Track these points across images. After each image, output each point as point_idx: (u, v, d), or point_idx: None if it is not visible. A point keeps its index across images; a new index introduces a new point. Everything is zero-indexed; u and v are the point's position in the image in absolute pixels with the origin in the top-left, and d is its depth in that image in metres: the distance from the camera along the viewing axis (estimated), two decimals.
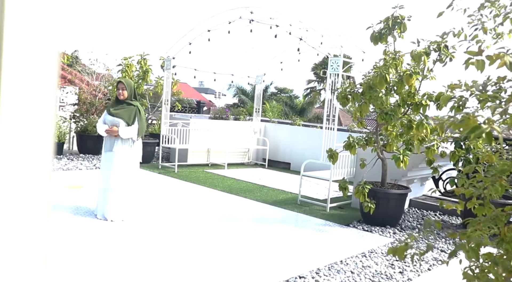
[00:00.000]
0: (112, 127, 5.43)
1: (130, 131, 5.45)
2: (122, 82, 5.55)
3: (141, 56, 10.07)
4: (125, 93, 5.52)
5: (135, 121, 5.50)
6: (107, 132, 5.47)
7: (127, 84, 5.55)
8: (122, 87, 5.53)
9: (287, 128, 12.01)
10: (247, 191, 8.28)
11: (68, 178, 7.98)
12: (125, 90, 5.52)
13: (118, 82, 5.61)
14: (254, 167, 11.65)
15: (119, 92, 5.54)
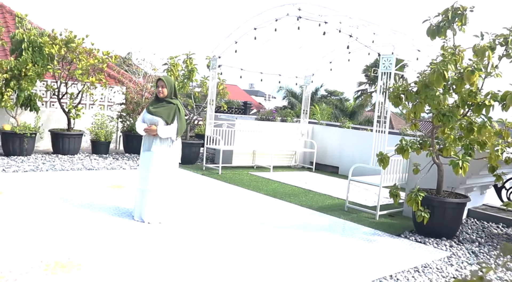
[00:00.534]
0: (150, 126, 5.26)
1: (169, 131, 5.26)
2: (161, 79, 5.37)
3: (187, 55, 9.96)
4: (164, 91, 5.34)
5: (174, 120, 5.30)
6: (145, 131, 5.30)
7: (167, 82, 5.36)
8: (161, 85, 5.35)
9: (335, 130, 11.55)
10: (292, 195, 7.93)
11: (111, 177, 7.95)
12: (165, 88, 5.34)
13: (157, 80, 5.43)
14: (301, 170, 11.27)
15: (159, 90, 5.36)
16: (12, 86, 9.00)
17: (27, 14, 9.64)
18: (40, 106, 10.46)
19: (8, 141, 9.01)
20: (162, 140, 5.30)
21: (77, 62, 9.63)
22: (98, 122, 10.43)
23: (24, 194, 6.21)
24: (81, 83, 10.06)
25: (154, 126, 5.24)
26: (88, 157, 9.88)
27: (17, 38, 9.18)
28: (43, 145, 10.76)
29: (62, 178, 7.58)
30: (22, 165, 8.27)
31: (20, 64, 8.95)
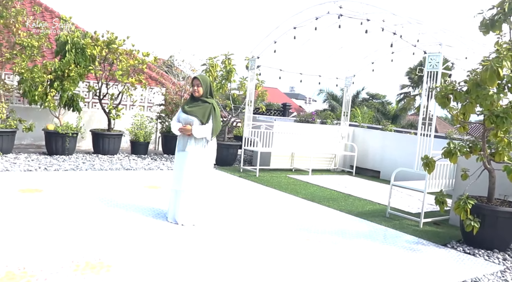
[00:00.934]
0: (185, 126, 5.15)
1: (204, 131, 5.13)
2: (197, 78, 5.26)
3: (225, 55, 9.88)
4: (200, 90, 5.22)
5: (209, 119, 5.17)
6: (180, 131, 5.20)
7: (203, 81, 5.24)
8: (197, 84, 5.23)
9: (377, 133, 11.16)
10: (330, 199, 7.66)
11: (147, 178, 7.93)
12: (200, 87, 5.22)
13: (193, 79, 5.32)
14: (341, 174, 10.95)
15: (194, 89, 5.24)
16: (56, 87, 9.18)
17: (71, 16, 9.83)
18: (82, 107, 10.65)
19: (51, 140, 9.18)
20: (197, 140, 5.18)
21: (117, 63, 9.73)
22: (138, 123, 10.50)
23: (62, 192, 6.24)
24: (121, 84, 10.16)
25: (189, 126, 5.13)
26: (127, 157, 9.95)
27: (61, 40, 9.36)
28: (85, 145, 10.94)
29: (100, 177, 7.62)
30: (63, 164, 8.39)
31: (64, 65, 9.11)
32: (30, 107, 10.03)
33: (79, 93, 10.58)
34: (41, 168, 7.87)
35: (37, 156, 9.01)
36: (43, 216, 5.04)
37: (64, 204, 5.66)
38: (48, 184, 6.71)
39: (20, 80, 9.14)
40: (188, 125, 5.14)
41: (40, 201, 5.69)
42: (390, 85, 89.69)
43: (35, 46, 8.98)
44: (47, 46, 9.42)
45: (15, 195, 5.87)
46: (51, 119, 9.92)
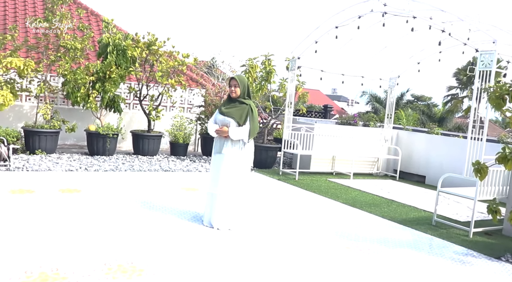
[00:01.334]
0: (222, 128, 5.02)
1: (241, 132, 4.98)
2: (234, 78, 5.12)
3: (265, 56, 9.72)
4: (237, 91, 5.08)
5: (246, 121, 5.02)
6: (217, 133, 5.07)
7: (240, 81, 5.09)
8: (234, 84, 5.09)
9: (422, 137, 10.69)
10: (372, 205, 7.35)
11: (185, 179, 7.87)
12: (237, 88, 5.07)
13: (230, 79, 5.18)
14: (383, 178, 10.56)
15: (231, 90, 5.11)
16: (98, 88, 9.30)
17: (113, 19, 9.95)
18: (123, 108, 10.77)
19: (92, 141, 9.31)
20: (234, 142, 5.04)
21: (157, 65, 9.77)
22: (177, 124, 10.50)
23: (100, 193, 6.26)
24: (161, 85, 10.19)
25: (226, 128, 4.99)
26: (166, 158, 9.97)
27: (103, 42, 9.48)
28: (125, 146, 11.06)
29: (139, 178, 7.62)
30: (103, 164, 8.47)
31: (105, 67, 9.22)
32: (73, 108, 10.23)
33: (120, 94, 10.70)
34: (82, 168, 7.96)
35: (79, 156, 9.15)
36: (79, 217, 5.03)
37: (101, 205, 5.65)
38: (87, 184, 6.75)
39: (64, 82, 9.32)
40: (224, 127, 5.01)
41: (78, 201, 5.71)
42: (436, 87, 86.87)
43: (78, 48, 9.13)
44: (90, 48, 9.56)
45: (55, 195, 5.92)
46: (93, 120, 10.07)
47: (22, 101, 10.09)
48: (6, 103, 8.27)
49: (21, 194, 5.85)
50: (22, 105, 10.11)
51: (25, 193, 5.91)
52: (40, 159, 8.36)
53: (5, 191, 5.92)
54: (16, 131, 8.75)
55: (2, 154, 7.43)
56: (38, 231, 4.44)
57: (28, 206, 5.29)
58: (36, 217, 4.88)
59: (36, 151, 8.72)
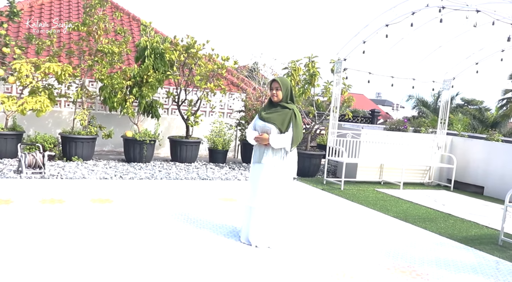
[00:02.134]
0: (262, 135, 4.53)
1: (283, 140, 4.47)
2: (276, 81, 4.62)
3: (309, 58, 9.18)
4: (279, 94, 4.58)
5: (289, 128, 4.51)
6: (256, 140, 4.59)
7: (282, 84, 4.59)
8: (276, 87, 4.60)
9: (480, 144, 9.81)
10: (427, 219, 6.65)
11: (223, 189, 7.43)
12: (279, 91, 4.58)
13: (271, 81, 4.69)
14: (436, 188, 9.76)
15: (273, 93, 4.61)
16: (135, 93, 9.04)
17: (151, 21, 9.70)
18: (161, 113, 10.50)
19: (129, 147, 9.06)
20: (275, 151, 4.53)
21: (196, 68, 9.42)
22: (216, 130, 10.12)
23: (132, 204, 5.90)
24: (200, 90, 9.83)
25: (266, 135, 4.50)
26: (204, 165, 9.59)
27: (141, 46, 9.23)
28: (163, 152, 10.78)
29: (175, 187, 7.25)
30: (139, 172, 8.16)
31: (142, 71, 8.95)
32: (111, 114, 10.04)
33: (158, 99, 10.44)
34: (117, 175, 7.67)
35: (116, 162, 8.90)
36: (105, 231, 4.66)
37: (131, 217, 5.28)
38: (120, 194, 6.43)
39: (101, 87, 9.13)
40: (265, 134, 4.51)
41: (108, 213, 5.36)
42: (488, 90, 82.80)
43: (115, 52, 8.91)
44: (127, 51, 9.33)
45: (85, 205, 5.61)
46: (131, 126, 9.84)
47: (61, 107, 10.00)
48: (43, 109, 8.13)
49: (51, 204, 5.57)
50: (61, 111, 10.01)
51: (56, 203, 5.63)
52: (76, 166, 8.15)
53: (35, 200, 5.67)
54: (53, 138, 8.60)
55: (38, 161, 7.24)
56: (55, 247, 4.09)
57: (55, 218, 4.98)
58: (60, 231, 4.55)
59: (72, 157, 8.54)
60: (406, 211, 7.08)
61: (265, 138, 4.49)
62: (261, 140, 4.53)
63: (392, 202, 7.75)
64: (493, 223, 6.65)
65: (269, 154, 4.54)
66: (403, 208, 7.33)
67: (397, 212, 6.96)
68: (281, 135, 4.48)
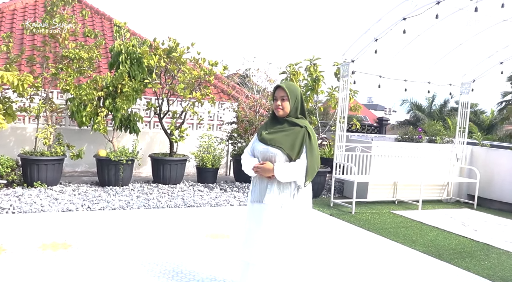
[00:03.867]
0: (264, 163, 3.24)
1: (294, 171, 3.19)
2: (282, 88, 3.35)
3: (310, 61, 7.91)
4: (286, 106, 3.30)
5: (301, 153, 3.23)
6: (255, 171, 3.30)
7: (290, 92, 3.33)
8: (281, 96, 3.32)
9: (507, 154, 8.61)
10: (464, 254, 5.41)
11: (213, 219, 6.13)
12: (286, 101, 3.30)
13: (275, 89, 3.42)
14: (457, 206, 8.54)
15: (277, 105, 3.33)
16: (108, 106, 7.74)
17: (126, 22, 8.40)
18: (142, 128, 9.20)
19: (103, 169, 7.74)
20: (282, 186, 3.25)
21: (179, 75, 8.13)
22: (205, 145, 8.83)
23: (95, 250, 4.58)
24: (185, 100, 8.54)
25: (270, 164, 3.22)
26: (192, 186, 8.27)
27: (115, 50, 7.94)
28: (146, 171, 9.46)
29: (154, 219, 5.94)
30: (113, 199, 6.84)
31: (116, 79, 7.65)
32: (83, 130, 8.71)
33: (138, 111, 9.13)
34: (85, 205, 6.35)
35: (87, 187, 7.57)
36: None
37: (90, 273, 3.95)
38: (82, 233, 5.10)
39: (69, 98, 7.82)
40: (267, 163, 3.23)
41: (59, 266, 4.03)
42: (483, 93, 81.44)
43: (83, 58, 7.60)
44: (98, 57, 8.01)
45: (32, 254, 4.28)
46: (106, 144, 8.50)
47: (25, 123, 8.64)
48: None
49: None
50: (25, 127, 8.66)
51: None
52: (38, 194, 6.81)
53: None
54: (11, 160, 7.28)
55: None
56: None
57: None
58: None
59: (35, 183, 7.21)
60: (436, 242, 5.84)
61: (269, 168, 3.20)
62: (263, 171, 3.24)
63: (415, 229, 6.50)
64: None
65: (274, 190, 3.25)
66: (430, 237, 6.08)
67: (425, 244, 5.72)
68: (291, 164, 3.19)
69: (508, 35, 7.58)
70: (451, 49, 7.90)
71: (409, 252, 5.34)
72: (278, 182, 3.23)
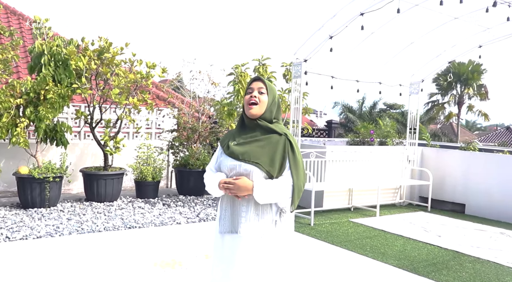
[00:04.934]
0: (238, 178, 2.53)
1: (278, 191, 2.51)
2: (260, 79, 2.67)
3: (259, 61, 7.30)
4: (263, 101, 2.61)
5: (284, 169, 2.57)
6: (225, 188, 2.58)
7: (269, 87, 2.66)
8: (259, 88, 2.62)
9: (457, 155, 8.49)
10: (438, 265, 5.03)
11: (160, 243, 5.31)
12: (264, 95, 2.62)
13: (252, 80, 2.71)
14: (411, 209, 8.29)
15: (253, 96, 2.60)
16: (29, 115, 6.67)
17: (47, 19, 7.35)
18: (71, 139, 8.15)
19: (25, 188, 6.66)
20: (261, 210, 2.57)
21: (113, 79, 7.22)
22: (143, 156, 7.96)
23: None
24: (120, 107, 7.62)
25: (247, 180, 2.52)
26: (131, 203, 7.38)
27: (36, 51, 6.88)
28: (77, 187, 8.40)
29: (89, 247, 5.03)
30: (38, 224, 5.82)
31: (38, 84, 6.62)
32: (2, 143, 7.54)
33: (66, 121, 8.07)
34: (2, 235, 5.30)
35: (6, 210, 6.47)
36: None
37: None
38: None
39: None
40: (243, 178, 2.52)
41: None
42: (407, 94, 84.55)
43: None
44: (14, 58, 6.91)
45: None
46: (28, 159, 7.38)
47: None
48: None
49: None
50: None
51: None
52: None
53: None
54: None
55: None
56: None
57: None
58: None
59: None
60: (406, 253, 5.43)
61: (246, 186, 2.50)
62: (238, 189, 2.52)
63: (380, 239, 6.07)
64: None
65: (251, 217, 2.56)
66: (398, 247, 5.67)
67: (396, 256, 5.28)
68: (275, 182, 2.52)
69: (458, 34, 7.43)
70: (403, 48, 7.64)
71: (382, 268, 4.86)
72: (256, 205, 2.56)
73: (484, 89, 30.58)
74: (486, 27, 7.33)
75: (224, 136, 2.81)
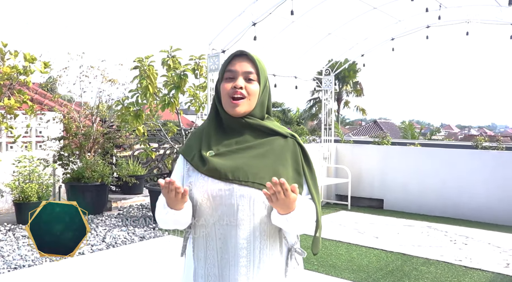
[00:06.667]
0: None
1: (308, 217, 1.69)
2: (247, 56, 1.74)
3: (168, 53, 6.23)
4: (252, 93, 1.70)
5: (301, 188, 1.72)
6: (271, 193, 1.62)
7: (261, 68, 1.74)
8: (247, 72, 1.70)
9: (373, 150, 8.35)
10: (395, 272, 4.59)
11: None
12: (254, 83, 1.70)
13: (232, 57, 1.75)
14: (333, 209, 7.93)
15: (237, 86, 1.67)
16: None
17: None
18: None
19: None
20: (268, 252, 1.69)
21: None
22: (24, 172, 6.44)
23: None
24: None
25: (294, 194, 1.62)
26: (11, 233, 5.86)
27: None
28: None
29: None
30: None
31: None
32: None
33: None
34: None
35: None
36: None
37: None
38: None
39: None
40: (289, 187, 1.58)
41: None
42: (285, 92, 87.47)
43: None
44: None
45: None
46: None
47: None
48: None
49: None
50: None
51: None
52: None
53: None
54: None
55: None
56: None
57: None
58: None
59: None
60: (356, 262, 4.91)
61: (294, 197, 1.54)
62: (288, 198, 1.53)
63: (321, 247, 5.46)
64: (471, 260, 4.91)
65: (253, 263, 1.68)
66: (345, 256, 5.12)
67: (348, 268, 4.73)
68: (304, 203, 1.65)
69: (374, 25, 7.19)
70: (320, 39, 7.17)
71: (324, 280, 4.24)
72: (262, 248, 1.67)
73: (359, 86, 32.42)
74: (398, 19, 7.19)
75: (188, 143, 1.84)
